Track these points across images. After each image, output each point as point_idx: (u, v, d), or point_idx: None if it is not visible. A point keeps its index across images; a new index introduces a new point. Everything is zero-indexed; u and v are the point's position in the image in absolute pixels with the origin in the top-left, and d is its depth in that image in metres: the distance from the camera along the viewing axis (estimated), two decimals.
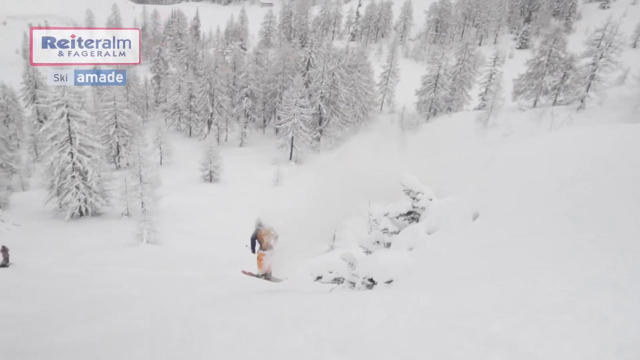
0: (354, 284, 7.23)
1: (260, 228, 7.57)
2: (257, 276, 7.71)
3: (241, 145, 49.89)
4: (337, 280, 7.81)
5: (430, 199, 8.65)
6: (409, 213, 8.77)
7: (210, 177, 39.64)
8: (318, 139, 48.69)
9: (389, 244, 9.00)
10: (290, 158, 46.03)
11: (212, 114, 50.15)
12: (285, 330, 3.31)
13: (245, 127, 51.23)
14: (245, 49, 73.36)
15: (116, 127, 41.00)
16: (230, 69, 54.69)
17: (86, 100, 42.28)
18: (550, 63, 43.09)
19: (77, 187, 27.75)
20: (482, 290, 3.40)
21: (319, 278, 7.96)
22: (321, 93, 48.17)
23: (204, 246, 24.83)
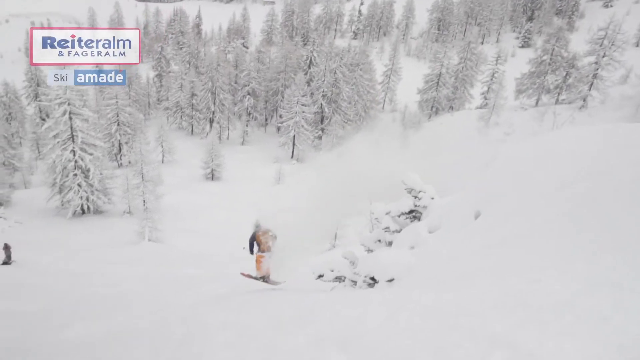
0: (355, 282, 7.24)
1: (258, 230, 7.54)
2: (256, 278, 7.69)
3: (243, 144, 49.96)
4: (339, 279, 7.81)
5: (432, 198, 8.66)
6: (411, 212, 8.79)
7: (212, 176, 39.70)
8: (320, 137, 48.71)
9: (390, 243, 9.02)
10: (292, 156, 46.07)
11: (214, 112, 50.15)
12: (285, 329, 3.31)
13: (247, 126, 51.31)
14: (247, 47, 73.39)
15: (118, 125, 41.09)
16: (232, 67, 54.73)
17: (88, 99, 42.57)
18: (553, 62, 42.97)
19: (79, 185, 27.85)
20: (483, 289, 3.40)
21: (320, 276, 7.96)
22: (323, 91, 48.14)
23: (205, 244, 24.93)
